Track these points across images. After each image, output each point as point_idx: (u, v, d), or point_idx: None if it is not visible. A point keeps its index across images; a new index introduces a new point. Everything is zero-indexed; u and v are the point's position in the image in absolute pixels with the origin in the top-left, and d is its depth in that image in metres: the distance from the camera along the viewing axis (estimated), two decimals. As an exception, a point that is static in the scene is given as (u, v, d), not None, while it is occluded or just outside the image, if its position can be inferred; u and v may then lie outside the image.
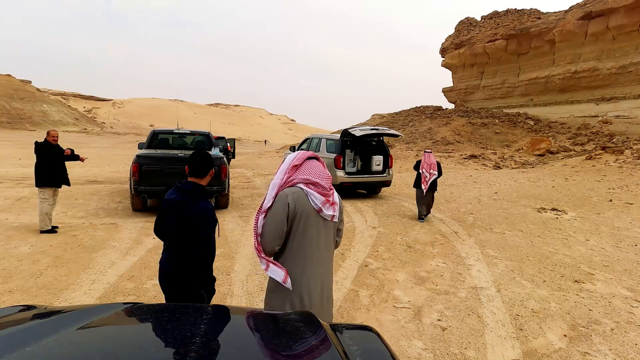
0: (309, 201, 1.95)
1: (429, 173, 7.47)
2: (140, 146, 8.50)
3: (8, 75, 70.18)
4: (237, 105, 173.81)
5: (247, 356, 1.01)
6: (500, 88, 40.07)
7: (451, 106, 44.67)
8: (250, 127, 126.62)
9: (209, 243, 2.25)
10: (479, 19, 44.70)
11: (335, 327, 1.34)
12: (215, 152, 8.21)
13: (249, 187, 11.54)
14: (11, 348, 0.90)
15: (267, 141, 77.04)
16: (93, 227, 6.24)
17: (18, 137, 40.72)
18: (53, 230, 5.86)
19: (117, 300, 3.69)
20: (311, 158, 2.03)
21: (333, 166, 9.36)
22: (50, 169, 5.80)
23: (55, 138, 5.90)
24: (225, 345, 1.07)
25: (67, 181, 6.06)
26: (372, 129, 9.64)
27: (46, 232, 5.75)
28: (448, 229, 6.87)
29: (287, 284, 1.93)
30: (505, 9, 41.49)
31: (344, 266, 4.82)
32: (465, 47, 43.64)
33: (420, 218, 7.59)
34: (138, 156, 7.01)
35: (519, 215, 8.21)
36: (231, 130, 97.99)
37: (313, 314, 1.39)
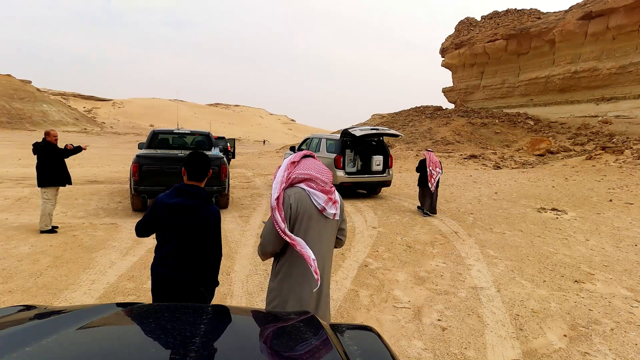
0: (312, 201, 1.97)
1: (435, 171, 7.89)
2: (140, 146, 8.50)
3: (8, 75, 70.18)
4: (237, 105, 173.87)
5: (248, 356, 1.01)
6: (500, 88, 40.09)
7: (451, 106, 44.69)
8: (250, 127, 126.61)
9: (220, 246, 2.23)
10: (479, 19, 44.72)
11: (335, 327, 1.34)
12: (215, 152, 8.21)
13: (249, 187, 11.54)
14: (11, 348, 0.90)
15: (266, 141, 76.87)
16: (93, 227, 6.24)
17: (18, 137, 40.70)
18: (53, 230, 5.86)
19: (117, 300, 3.69)
20: (307, 156, 2.08)
21: (333, 166, 9.36)
22: (52, 168, 5.81)
23: (56, 138, 5.90)
24: (225, 345, 1.07)
25: (69, 179, 6.07)
26: (372, 129, 9.64)
27: (46, 232, 5.75)
28: (448, 229, 6.87)
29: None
30: (505, 9, 41.51)
31: (344, 266, 4.81)
32: (465, 47, 43.65)
33: (425, 213, 7.98)
34: (138, 156, 7.01)
35: (519, 215, 8.21)
36: (231, 130, 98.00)
37: (313, 314, 1.39)
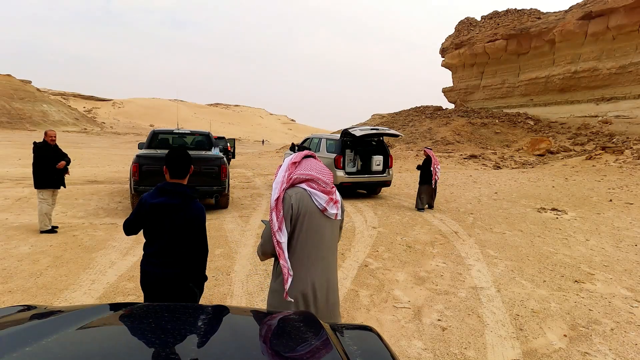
0: (313, 201, 1.97)
1: (438, 170, 8.54)
2: (140, 146, 8.50)
3: (8, 75, 70.12)
4: (237, 105, 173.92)
5: (248, 357, 1.01)
6: (500, 88, 40.09)
7: (451, 106, 44.69)
8: (250, 127, 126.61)
9: (206, 242, 2.30)
10: (479, 19, 44.71)
11: (335, 327, 1.34)
12: (215, 152, 8.21)
13: (249, 187, 11.54)
14: (11, 348, 0.90)
15: (265, 141, 76.68)
16: (93, 227, 6.24)
17: (18, 137, 40.71)
18: (53, 230, 5.85)
19: (117, 300, 3.69)
20: (308, 157, 2.08)
21: (333, 166, 9.36)
22: (47, 171, 5.76)
23: (53, 138, 5.84)
24: (225, 345, 1.07)
25: (63, 182, 6.02)
26: (372, 129, 9.64)
27: (46, 232, 5.75)
28: (448, 229, 6.87)
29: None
30: (505, 9, 41.51)
31: (344, 266, 4.82)
32: (465, 47, 43.65)
33: (420, 209, 8.48)
34: (138, 156, 7.01)
35: (519, 215, 8.21)
36: (231, 130, 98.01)
37: (313, 314, 1.39)
